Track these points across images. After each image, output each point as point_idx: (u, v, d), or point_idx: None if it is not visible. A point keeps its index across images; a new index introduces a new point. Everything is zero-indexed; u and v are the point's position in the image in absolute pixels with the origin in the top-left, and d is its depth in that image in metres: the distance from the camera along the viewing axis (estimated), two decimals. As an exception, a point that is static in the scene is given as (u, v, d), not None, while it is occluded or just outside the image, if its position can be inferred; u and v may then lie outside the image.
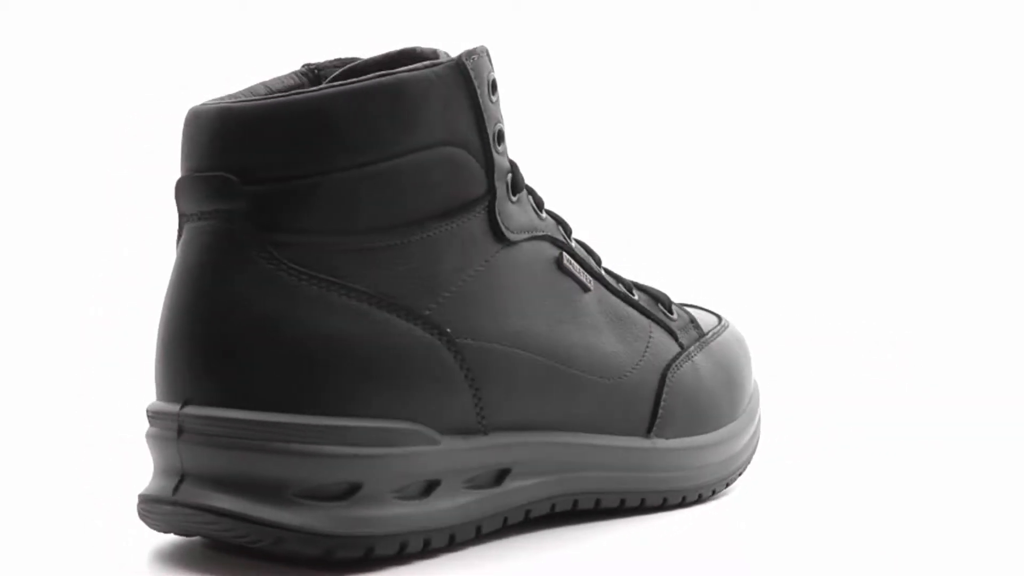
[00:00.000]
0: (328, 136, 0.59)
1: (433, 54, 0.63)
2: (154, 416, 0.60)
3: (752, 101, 1.19)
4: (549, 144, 1.02)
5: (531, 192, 0.66)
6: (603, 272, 0.69)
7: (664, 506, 0.69)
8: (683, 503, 0.70)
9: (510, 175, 0.64)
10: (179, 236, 0.60)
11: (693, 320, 0.73)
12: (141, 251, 1.10)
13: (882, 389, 0.99)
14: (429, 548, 0.60)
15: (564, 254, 0.66)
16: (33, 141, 1.15)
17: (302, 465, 0.58)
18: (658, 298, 0.71)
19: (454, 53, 0.62)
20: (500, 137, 0.63)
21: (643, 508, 0.68)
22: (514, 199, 0.64)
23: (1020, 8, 1.19)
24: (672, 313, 0.72)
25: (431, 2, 1.16)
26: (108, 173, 1.14)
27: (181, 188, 0.60)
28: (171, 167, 0.62)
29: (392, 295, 0.59)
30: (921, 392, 0.98)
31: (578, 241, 0.69)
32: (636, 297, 0.70)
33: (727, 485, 0.72)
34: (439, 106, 0.60)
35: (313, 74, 0.65)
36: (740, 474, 0.73)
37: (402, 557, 0.59)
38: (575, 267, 0.66)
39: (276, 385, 0.58)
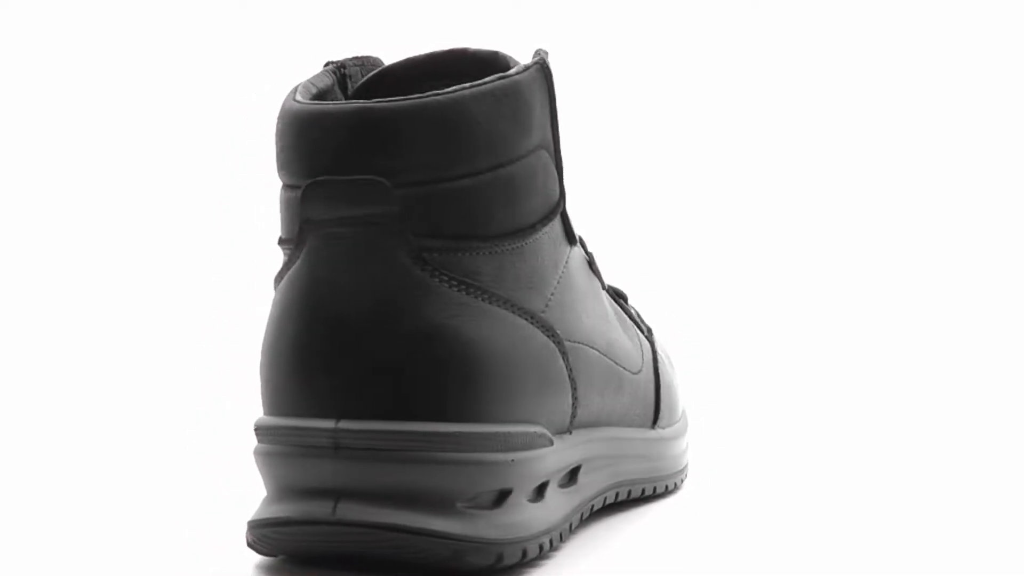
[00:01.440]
0: (469, 138, 0.57)
1: (492, 55, 0.63)
2: (291, 432, 0.57)
3: (717, 110, 1.19)
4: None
5: None
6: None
7: (656, 494, 0.71)
8: (667, 491, 0.72)
9: None
10: (296, 244, 0.58)
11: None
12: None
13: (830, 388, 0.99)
14: (546, 551, 0.59)
15: (591, 254, 0.67)
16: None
17: (468, 474, 0.56)
18: (624, 296, 0.72)
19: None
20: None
21: (650, 497, 0.71)
22: None
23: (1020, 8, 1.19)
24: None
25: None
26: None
27: (316, 193, 0.57)
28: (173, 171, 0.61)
29: (518, 299, 0.59)
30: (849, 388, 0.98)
31: None
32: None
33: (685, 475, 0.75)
34: (538, 108, 0.60)
35: (340, 73, 0.63)
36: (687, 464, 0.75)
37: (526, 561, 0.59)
38: (596, 267, 0.67)
39: (437, 395, 0.56)
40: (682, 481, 0.74)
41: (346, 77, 0.63)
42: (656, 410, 0.71)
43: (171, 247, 1.14)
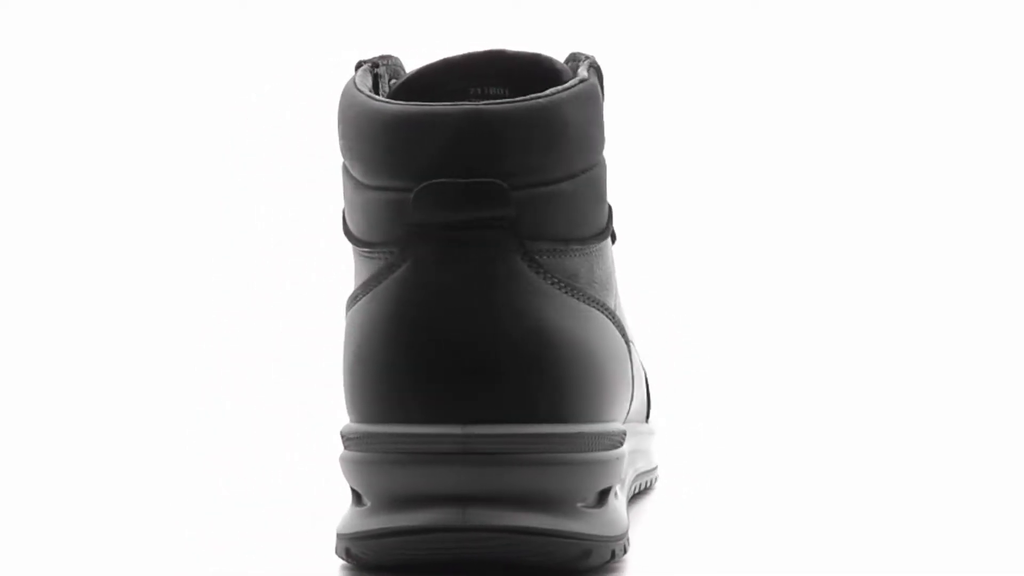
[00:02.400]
0: (567, 141, 0.58)
1: (534, 57, 0.63)
2: (415, 440, 0.56)
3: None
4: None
5: None
6: None
7: (642, 490, 0.73)
8: (647, 488, 0.73)
9: None
10: (403, 247, 0.57)
11: None
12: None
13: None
14: (628, 547, 0.60)
15: None
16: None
17: (588, 474, 0.57)
18: None
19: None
20: None
21: (639, 493, 0.72)
22: None
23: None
24: None
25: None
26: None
27: (429, 195, 0.56)
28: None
29: (602, 299, 0.59)
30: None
31: None
32: None
33: None
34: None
35: (373, 73, 0.62)
36: None
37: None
38: None
39: (557, 396, 0.56)
40: (656, 479, 0.75)
41: (377, 77, 0.63)
42: (648, 404, 0.72)
43: (171, 247, 1.14)
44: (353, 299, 0.59)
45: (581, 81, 0.59)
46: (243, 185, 1.16)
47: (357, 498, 0.58)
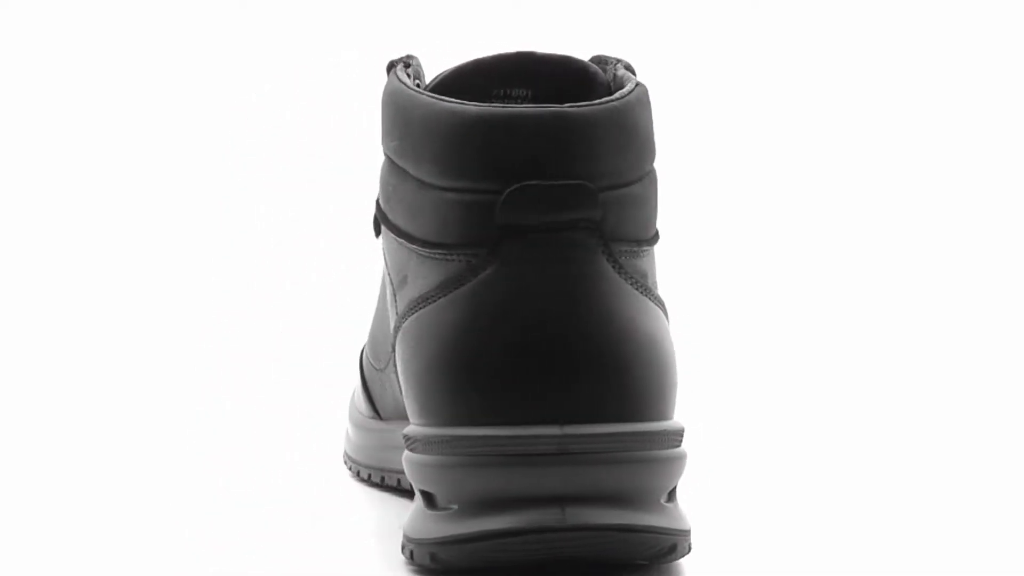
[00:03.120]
0: (637, 143, 0.59)
1: (565, 58, 0.64)
2: (513, 441, 0.56)
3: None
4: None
5: None
6: None
7: None
8: None
9: None
10: (491, 248, 0.57)
11: None
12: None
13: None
14: None
15: None
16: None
17: (669, 471, 0.58)
18: None
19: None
20: None
21: None
22: None
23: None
24: None
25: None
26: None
27: (522, 197, 0.57)
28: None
29: (663, 300, 0.60)
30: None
31: None
32: None
33: None
34: None
35: (406, 74, 0.63)
36: None
37: None
38: None
39: (642, 395, 0.57)
40: None
41: (408, 78, 0.63)
42: None
43: (171, 247, 1.14)
44: (422, 300, 0.59)
45: (637, 84, 0.60)
46: (243, 185, 1.16)
47: (430, 501, 0.58)
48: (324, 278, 1.07)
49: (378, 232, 0.64)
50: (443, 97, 0.59)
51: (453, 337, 0.57)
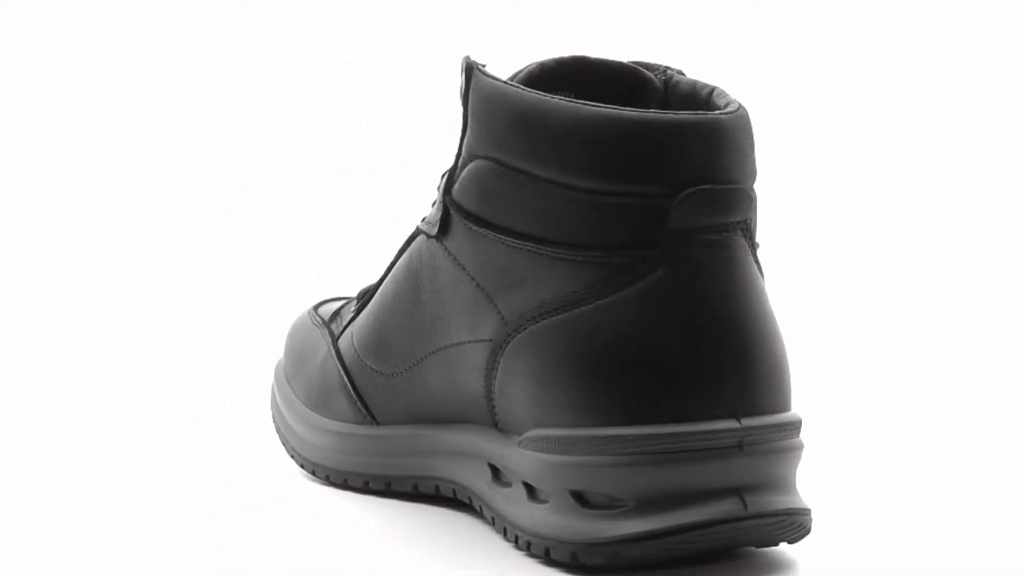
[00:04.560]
0: (753, 149, 0.61)
1: (619, 64, 0.65)
2: (696, 437, 0.58)
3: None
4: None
5: None
6: None
7: None
8: None
9: None
10: (663, 251, 0.59)
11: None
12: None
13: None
14: None
15: None
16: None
17: (800, 457, 0.61)
18: None
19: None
20: None
21: None
22: None
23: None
24: None
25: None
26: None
27: (693, 201, 0.59)
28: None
29: None
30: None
31: None
32: None
33: None
34: None
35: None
36: None
37: None
38: None
39: (786, 387, 0.61)
40: None
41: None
42: None
43: (171, 247, 1.15)
44: (562, 302, 0.60)
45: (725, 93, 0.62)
46: (243, 185, 1.16)
47: (582, 500, 0.59)
48: (324, 278, 1.07)
49: (444, 233, 0.64)
50: (587, 102, 0.60)
51: (625, 337, 0.59)
